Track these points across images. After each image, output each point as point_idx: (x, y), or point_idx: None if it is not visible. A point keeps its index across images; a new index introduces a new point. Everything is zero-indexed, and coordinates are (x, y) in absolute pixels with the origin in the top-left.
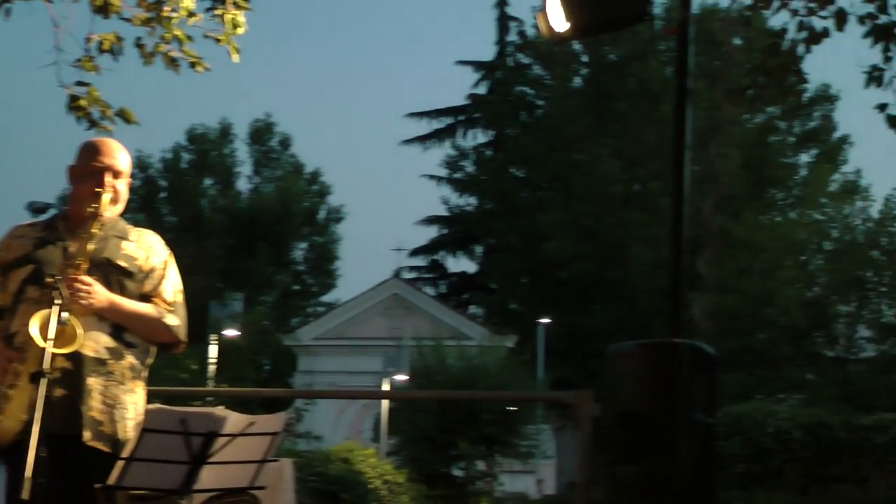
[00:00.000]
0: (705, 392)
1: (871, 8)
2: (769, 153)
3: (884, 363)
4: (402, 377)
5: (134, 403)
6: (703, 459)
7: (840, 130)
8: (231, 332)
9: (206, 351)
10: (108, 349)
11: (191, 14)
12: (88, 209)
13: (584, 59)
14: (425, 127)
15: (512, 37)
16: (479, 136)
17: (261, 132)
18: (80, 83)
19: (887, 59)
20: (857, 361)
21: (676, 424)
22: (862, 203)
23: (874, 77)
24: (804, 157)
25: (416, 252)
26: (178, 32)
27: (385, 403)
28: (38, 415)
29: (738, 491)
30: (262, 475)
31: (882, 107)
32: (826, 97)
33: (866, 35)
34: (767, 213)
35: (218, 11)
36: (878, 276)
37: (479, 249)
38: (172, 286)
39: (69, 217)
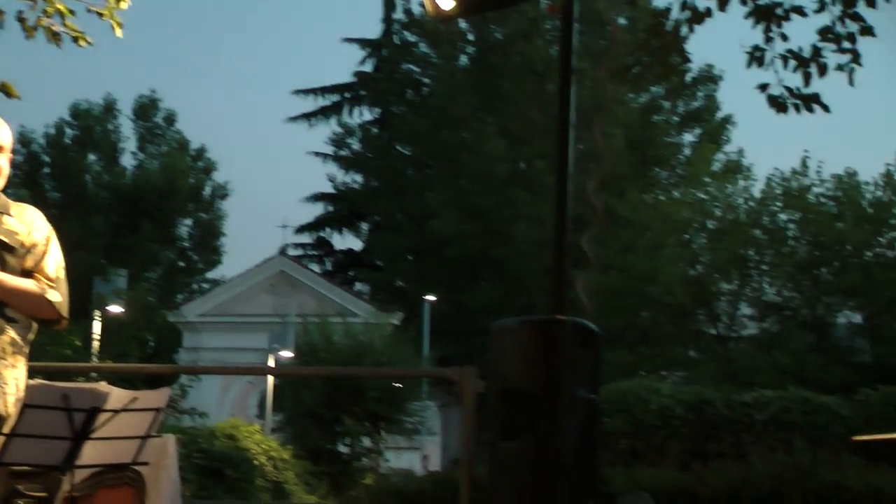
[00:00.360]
0: (588, 369)
1: None
2: (653, 132)
3: (765, 340)
4: (287, 354)
5: (15, 379)
6: (586, 435)
7: (723, 110)
8: (115, 309)
9: (89, 327)
10: None
11: None
12: None
13: (470, 37)
14: (311, 104)
15: (398, 14)
16: (365, 114)
17: (145, 108)
18: None
19: (768, 40)
20: (739, 339)
21: (559, 401)
22: (744, 182)
23: (755, 57)
24: (688, 137)
25: (301, 229)
26: (60, 6)
27: (271, 380)
28: None
29: (621, 467)
30: (145, 451)
31: (763, 87)
32: (710, 77)
33: (748, 15)
34: (651, 192)
35: None
36: (760, 254)
37: (365, 227)
38: (55, 262)
39: None
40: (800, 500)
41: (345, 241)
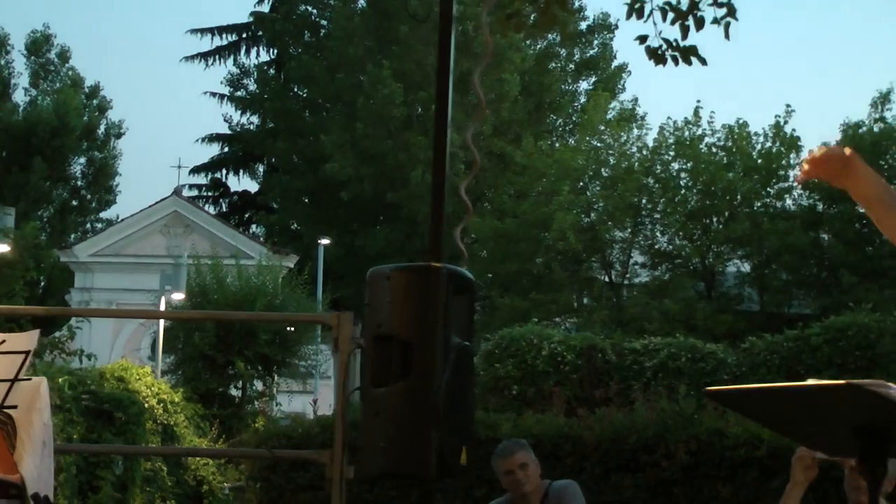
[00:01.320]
0: (462, 316)
1: None
2: (549, 80)
3: (656, 288)
4: (179, 295)
5: None
6: (459, 382)
7: (618, 59)
8: (1, 248)
9: None
10: None
11: None
12: None
13: None
14: (207, 44)
15: None
16: (262, 55)
17: (38, 44)
18: None
19: None
20: (631, 286)
21: (432, 347)
22: (638, 131)
23: (635, 9)
24: (583, 85)
25: (197, 170)
26: None
27: (163, 322)
28: None
29: (510, 413)
30: (15, 394)
31: (642, 38)
32: (605, 26)
33: None
34: (546, 139)
35: None
36: (652, 203)
37: (261, 168)
38: None
39: None
40: (682, 447)
41: (240, 182)
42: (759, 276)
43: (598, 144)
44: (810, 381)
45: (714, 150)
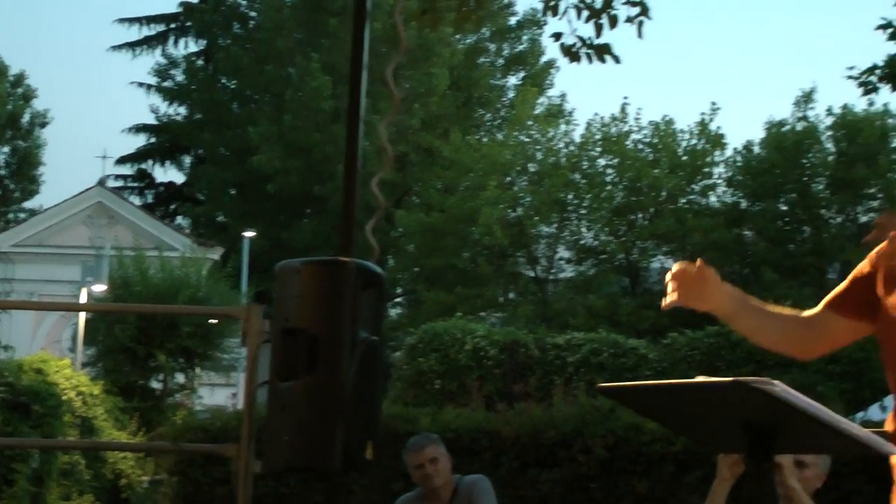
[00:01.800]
0: (370, 310)
1: None
2: (478, 75)
3: (581, 283)
4: (100, 287)
5: None
6: (366, 376)
7: (547, 55)
8: None
9: None
10: None
11: None
12: None
13: None
14: (135, 33)
15: None
16: (190, 46)
17: None
18: None
19: None
20: (556, 281)
21: (339, 341)
22: (565, 127)
23: (550, 6)
24: (512, 80)
25: (122, 160)
26: None
27: (83, 313)
28: None
29: (431, 407)
30: None
31: (557, 36)
32: (534, 22)
33: None
34: (474, 134)
35: None
36: (579, 198)
37: (187, 160)
38: None
39: None
40: (600, 442)
41: (167, 173)
42: None
43: (526, 140)
44: (700, 378)
45: (640, 146)
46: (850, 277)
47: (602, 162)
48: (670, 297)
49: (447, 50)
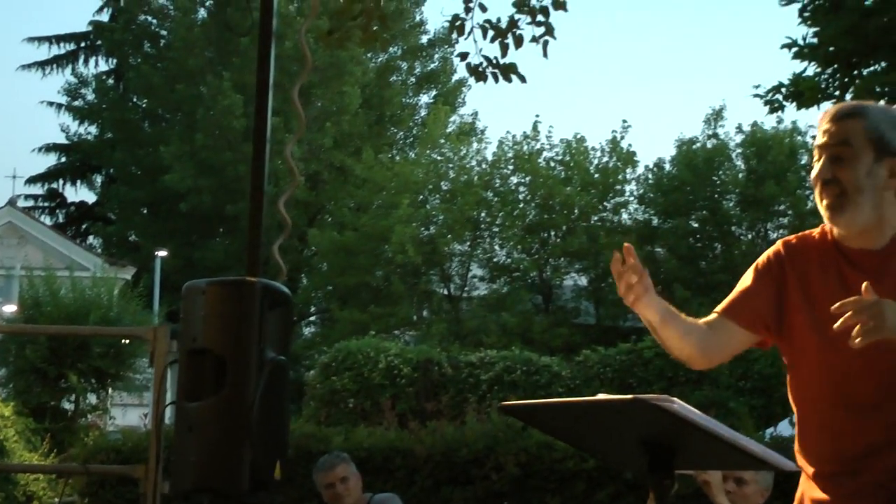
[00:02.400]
0: (277, 330)
1: None
2: (390, 93)
3: (494, 301)
4: (11, 308)
5: None
6: (273, 396)
7: (458, 73)
8: None
9: None
10: None
11: None
12: None
13: None
14: (45, 52)
15: None
16: (101, 65)
17: None
18: None
19: (468, 10)
20: (470, 299)
21: (245, 361)
22: (478, 145)
23: (456, 26)
24: (424, 98)
25: (33, 180)
26: None
27: None
28: None
29: (344, 426)
30: None
31: (463, 55)
32: (445, 40)
33: None
34: (387, 152)
35: None
36: (491, 216)
37: (98, 179)
38: None
39: None
40: (512, 460)
41: (78, 193)
42: (596, 290)
43: (438, 158)
44: (601, 396)
45: (552, 164)
46: (747, 283)
47: (514, 180)
48: (628, 294)
49: (359, 68)
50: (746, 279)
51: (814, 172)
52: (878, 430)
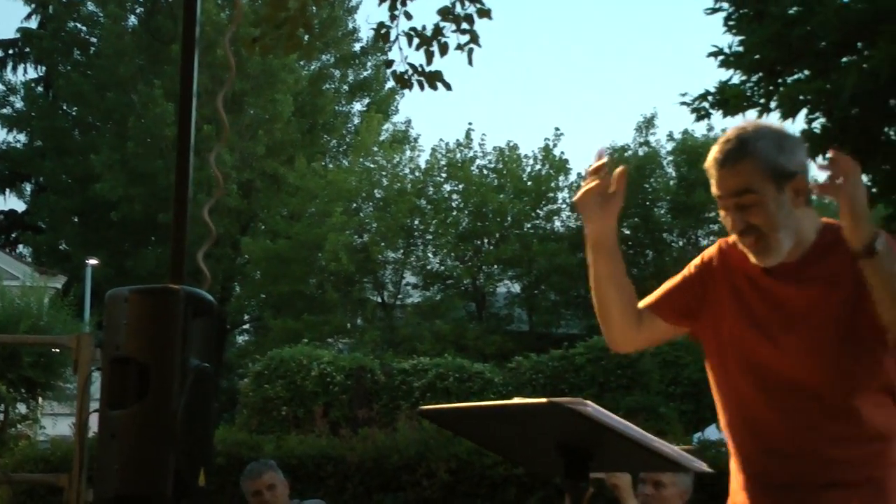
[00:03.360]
0: (202, 338)
1: None
2: (323, 101)
3: (427, 309)
4: None
5: None
6: (197, 403)
7: (391, 81)
8: None
9: None
10: None
11: None
12: None
13: None
14: None
15: None
16: (29, 72)
17: None
18: None
19: (393, 18)
20: (403, 307)
21: (169, 369)
22: (411, 153)
23: (381, 34)
24: (357, 106)
25: None
26: None
27: None
28: None
29: (276, 434)
30: None
31: (388, 63)
32: (378, 48)
33: None
34: (320, 161)
35: None
36: (425, 224)
37: (28, 188)
38: None
39: None
40: (443, 466)
41: (7, 202)
42: (529, 297)
43: (372, 166)
44: (516, 400)
45: (485, 172)
46: (676, 280)
47: (447, 188)
48: (579, 194)
49: (291, 77)
50: (678, 275)
51: (728, 226)
52: (799, 429)
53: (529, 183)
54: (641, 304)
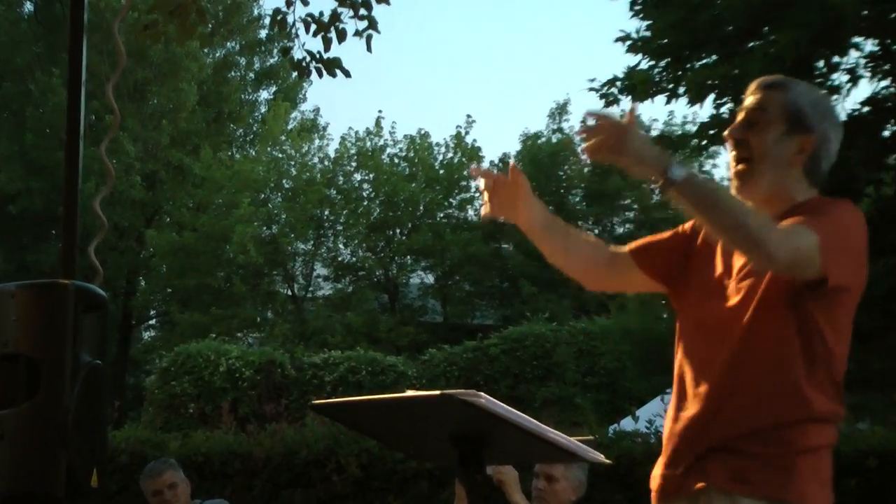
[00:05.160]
0: (93, 333)
1: None
2: (228, 89)
3: (339, 301)
4: None
5: None
6: (89, 400)
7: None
8: None
9: None
10: None
11: None
12: None
13: None
14: None
15: None
16: None
17: None
18: None
19: (289, 4)
20: (314, 299)
21: (59, 366)
22: (320, 142)
23: (277, 20)
24: (264, 95)
25: None
26: None
27: None
28: None
29: (182, 431)
30: None
31: (286, 51)
32: (285, 35)
33: None
34: (226, 150)
35: None
36: (335, 214)
37: None
38: None
39: None
40: (354, 461)
41: None
42: (442, 288)
43: (279, 155)
44: (409, 393)
45: (396, 160)
46: (664, 237)
47: (358, 177)
48: (485, 209)
49: (195, 64)
50: (667, 232)
51: (728, 149)
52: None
53: (441, 171)
54: (625, 248)
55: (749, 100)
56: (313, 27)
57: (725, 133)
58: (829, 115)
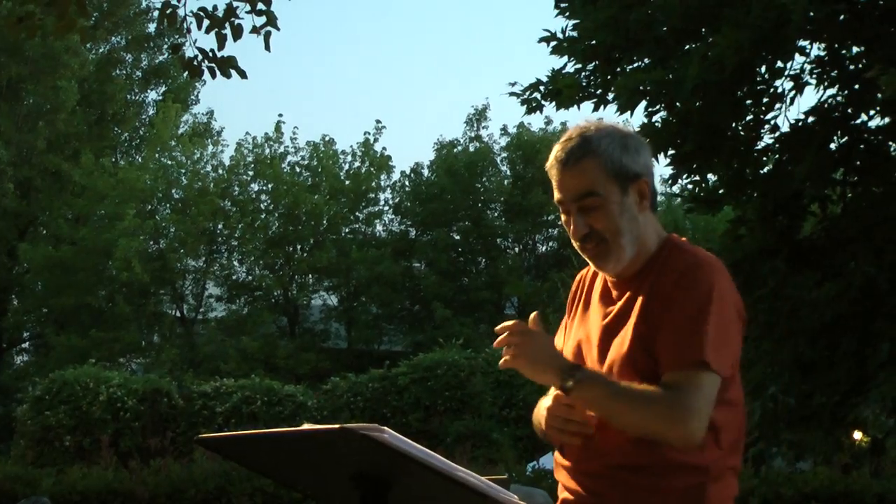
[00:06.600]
0: None
1: None
2: (112, 89)
3: (233, 323)
4: None
5: None
6: None
7: None
8: None
9: None
10: None
11: None
12: None
13: None
14: None
15: None
16: None
17: None
18: None
19: None
20: (206, 321)
21: None
22: (213, 148)
23: (167, 15)
24: (152, 95)
25: None
26: None
27: None
28: None
29: (56, 467)
30: None
31: (175, 48)
32: (177, 30)
33: None
34: (110, 156)
35: None
36: (229, 228)
37: None
38: None
39: None
40: (246, 500)
41: None
42: (347, 310)
43: (169, 162)
44: (306, 426)
45: (297, 169)
46: (559, 330)
47: (255, 187)
48: (503, 360)
49: (76, 60)
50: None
51: (569, 232)
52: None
53: (347, 182)
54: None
55: (562, 189)
56: (206, 22)
57: (570, 235)
58: (636, 142)
